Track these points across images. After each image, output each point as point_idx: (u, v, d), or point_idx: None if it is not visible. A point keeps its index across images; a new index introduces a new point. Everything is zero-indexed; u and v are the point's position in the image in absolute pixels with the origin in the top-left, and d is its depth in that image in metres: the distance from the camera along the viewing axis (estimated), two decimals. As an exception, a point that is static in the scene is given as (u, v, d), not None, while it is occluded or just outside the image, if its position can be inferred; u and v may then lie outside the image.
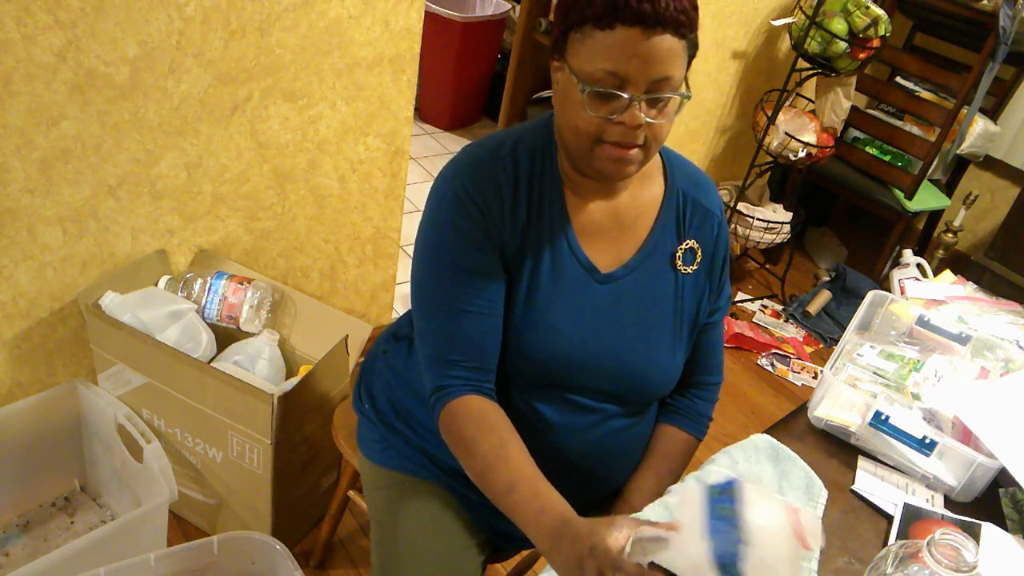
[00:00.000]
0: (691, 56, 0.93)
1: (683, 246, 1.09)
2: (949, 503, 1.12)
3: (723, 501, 0.71)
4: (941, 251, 3.10)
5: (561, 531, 0.82)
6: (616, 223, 1.06)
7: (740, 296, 3.00)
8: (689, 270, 1.09)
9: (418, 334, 1.05)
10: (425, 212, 1.04)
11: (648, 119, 0.90)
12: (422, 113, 3.72)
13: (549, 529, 0.84)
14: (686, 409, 1.19)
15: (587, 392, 1.06)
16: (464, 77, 3.57)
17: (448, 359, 1.00)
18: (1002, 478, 1.13)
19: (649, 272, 1.07)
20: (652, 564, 0.75)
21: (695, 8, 0.90)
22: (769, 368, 2.66)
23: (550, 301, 1.02)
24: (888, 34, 2.46)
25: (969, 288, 1.60)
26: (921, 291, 1.56)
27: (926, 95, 2.90)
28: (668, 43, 0.87)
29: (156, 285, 1.64)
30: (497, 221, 1.00)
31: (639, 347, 1.06)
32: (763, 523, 0.70)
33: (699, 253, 1.10)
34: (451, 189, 1.00)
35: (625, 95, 0.89)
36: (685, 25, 0.88)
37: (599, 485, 1.15)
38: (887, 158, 2.92)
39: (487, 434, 0.96)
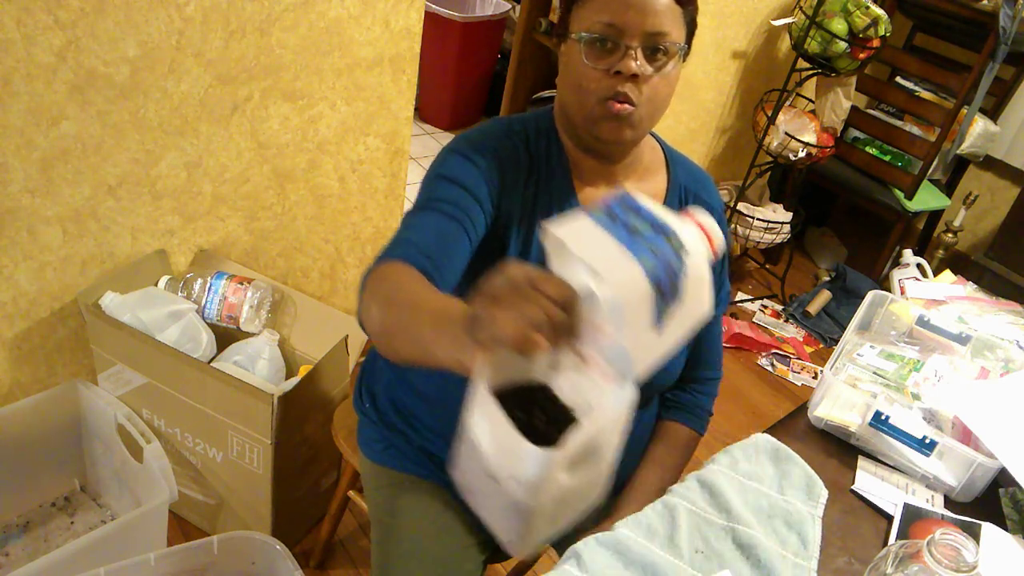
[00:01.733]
0: (690, 31, 0.97)
1: None
2: (949, 503, 1.12)
3: (628, 216, 0.59)
4: (941, 251, 3.10)
5: (459, 316, 0.66)
6: None
7: (740, 296, 3.00)
8: None
9: None
10: (441, 152, 1.03)
11: (644, 71, 0.92)
12: (422, 113, 3.72)
13: (450, 316, 0.66)
14: (687, 404, 1.20)
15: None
16: (464, 77, 3.57)
17: (400, 239, 0.92)
18: (1002, 478, 1.13)
19: None
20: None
21: None
22: (769, 368, 2.66)
23: None
24: (888, 34, 2.46)
25: (969, 288, 1.60)
26: (921, 291, 1.56)
27: (926, 95, 2.90)
28: (664, 0, 0.92)
29: (156, 285, 1.64)
30: (512, 181, 1.01)
31: None
32: (683, 228, 0.59)
33: None
34: (478, 136, 1.02)
35: (621, 44, 0.92)
36: None
37: None
38: (887, 158, 2.92)
39: (412, 276, 0.83)
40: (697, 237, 0.60)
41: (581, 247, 0.57)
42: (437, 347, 0.66)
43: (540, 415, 0.60)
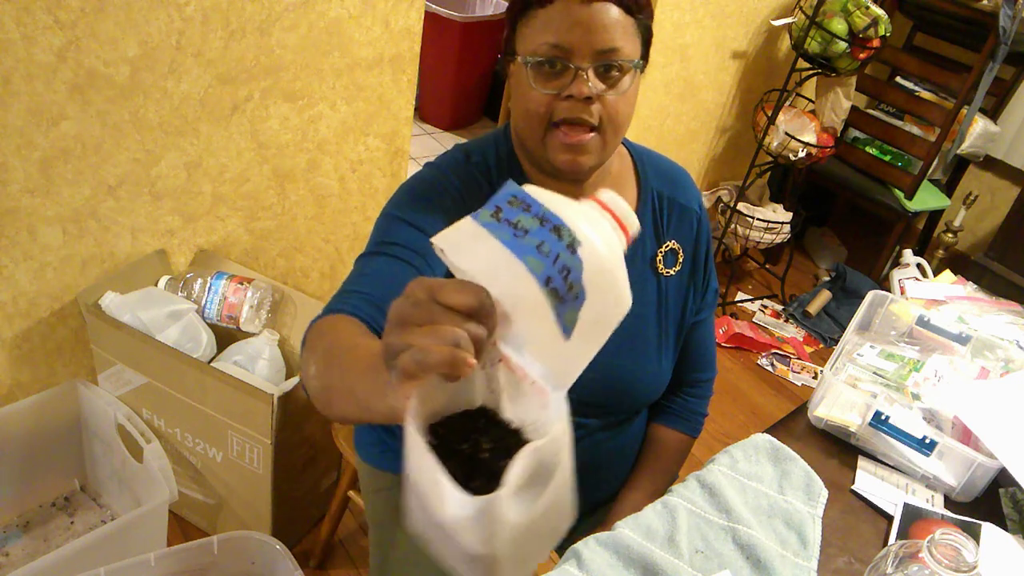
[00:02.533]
0: (645, 41, 0.91)
1: (663, 248, 1.06)
2: (949, 503, 1.12)
3: (513, 213, 0.51)
4: (941, 251, 3.10)
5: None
6: None
7: (740, 296, 3.01)
8: (671, 272, 1.07)
9: None
10: (394, 194, 0.99)
11: (597, 91, 0.86)
12: (422, 113, 3.72)
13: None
14: (679, 409, 1.19)
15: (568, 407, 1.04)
16: (464, 77, 3.57)
17: (349, 289, 0.87)
18: (1002, 478, 1.13)
19: (630, 280, 1.04)
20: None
21: None
22: (769, 368, 2.66)
23: None
24: (888, 34, 2.46)
25: (969, 288, 1.60)
26: (921, 291, 1.56)
27: (926, 95, 2.90)
28: (612, 13, 0.85)
29: (156, 285, 1.64)
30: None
31: (623, 358, 1.04)
32: (580, 217, 0.51)
33: (681, 253, 1.08)
34: (434, 174, 0.97)
35: (571, 66, 0.86)
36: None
37: (590, 494, 1.15)
38: (887, 158, 2.92)
39: (352, 326, 0.77)
40: (599, 224, 0.53)
41: (461, 255, 0.50)
42: (371, 397, 0.56)
43: (485, 444, 0.54)
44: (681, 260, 1.08)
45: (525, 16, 0.89)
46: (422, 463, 0.48)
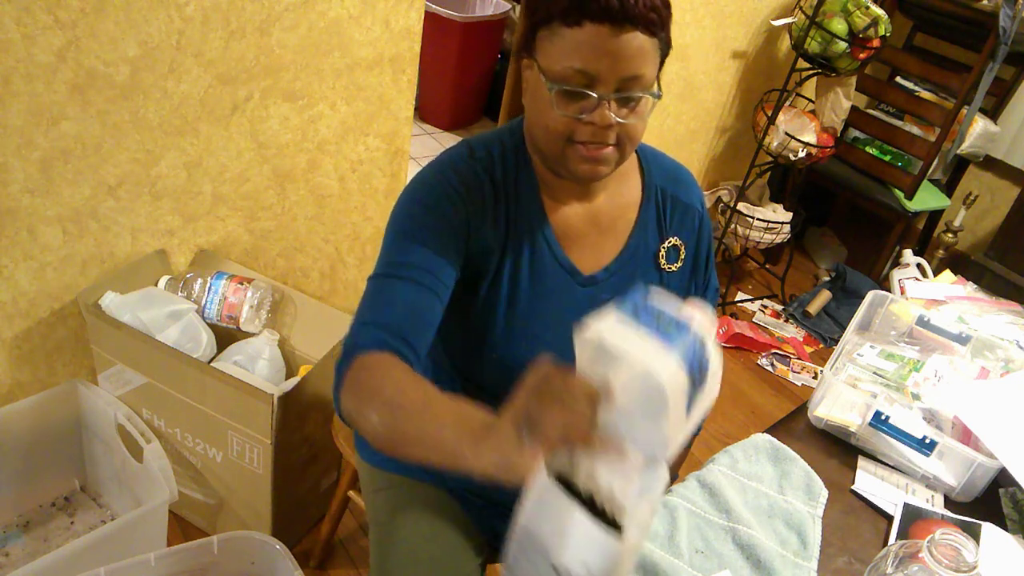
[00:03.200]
0: (663, 55, 0.91)
1: (666, 244, 1.08)
2: (949, 503, 1.12)
3: (651, 312, 0.63)
4: (941, 251, 3.10)
5: (492, 422, 0.67)
6: (595, 227, 1.04)
7: (740, 296, 3.01)
8: (673, 268, 1.08)
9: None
10: (399, 199, 1.01)
11: (619, 119, 0.88)
12: (422, 113, 3.72)
13: (478, 423, 0.68)
14: None
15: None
16: (464, 77, 3.57)
17: (370, 320, 0.90)
18: (1002, 478, 1.13)
19: (632, 274, 1.06)
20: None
21: (666, 5, 0.88)
22: (769, 368, 2.66)
23: (532, 306, 1.00)
24: (888, 34, 2.46)
25: (969, 288, 1.60)
26: (921, 291, 1.56)
27: (926, 95, 2.90)
28: (638, 41, 0.85)
29: (156, 285, 1.64)
30: (478, 217, 0.97)
31: None
32: (693, 318, 0.64)
33: (682, 250, 1.09)
34: (435, 176, 0.98)
35: (594, 94, 0.87)
36: (656, 23, 0.86)
37: None
38: (887, 158, 2.92)
39: (406, 374, 0.82)
40: (705, 324, 0.64)
41: (625, 346, 0.61)
42: (475, 456, 0.66)
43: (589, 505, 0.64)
44: (683, 257, 1.09)
45: (548, 28, 0.88)
46: (554, 505, 0.61)
